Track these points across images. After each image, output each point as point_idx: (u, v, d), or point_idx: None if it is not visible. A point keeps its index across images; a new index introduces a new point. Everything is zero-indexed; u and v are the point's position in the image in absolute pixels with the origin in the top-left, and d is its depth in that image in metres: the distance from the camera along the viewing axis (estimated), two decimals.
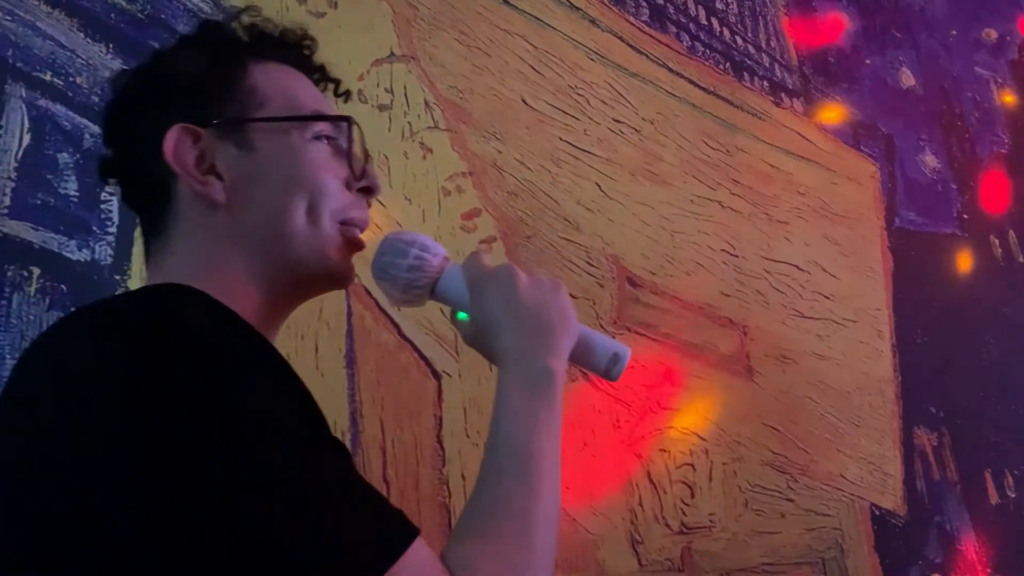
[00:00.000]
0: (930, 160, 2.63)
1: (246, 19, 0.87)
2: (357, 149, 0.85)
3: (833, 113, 2.37)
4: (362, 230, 0.84)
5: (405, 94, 1.52)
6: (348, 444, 1.25)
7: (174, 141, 0.78)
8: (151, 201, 0.82)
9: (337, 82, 0.92)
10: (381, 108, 1.49)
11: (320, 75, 0.90)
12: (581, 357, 0.86)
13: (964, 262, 2.57)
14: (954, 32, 2.94)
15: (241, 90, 0.82)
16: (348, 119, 0.84)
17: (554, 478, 0.74)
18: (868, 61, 2.58)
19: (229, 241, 0.79)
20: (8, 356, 1.04)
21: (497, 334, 0.80)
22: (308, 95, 0.86)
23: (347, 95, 0.92)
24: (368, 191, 0.85)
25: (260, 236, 0.79)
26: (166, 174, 0.79)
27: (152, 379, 0.61)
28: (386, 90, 1.50)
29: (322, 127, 0.83)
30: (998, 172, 2.84)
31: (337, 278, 0.83)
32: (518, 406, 0.77)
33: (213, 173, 0.79)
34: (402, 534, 0.62)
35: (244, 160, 0.80)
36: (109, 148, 0.85)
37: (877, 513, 1.99)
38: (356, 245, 0.83)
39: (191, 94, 0.81)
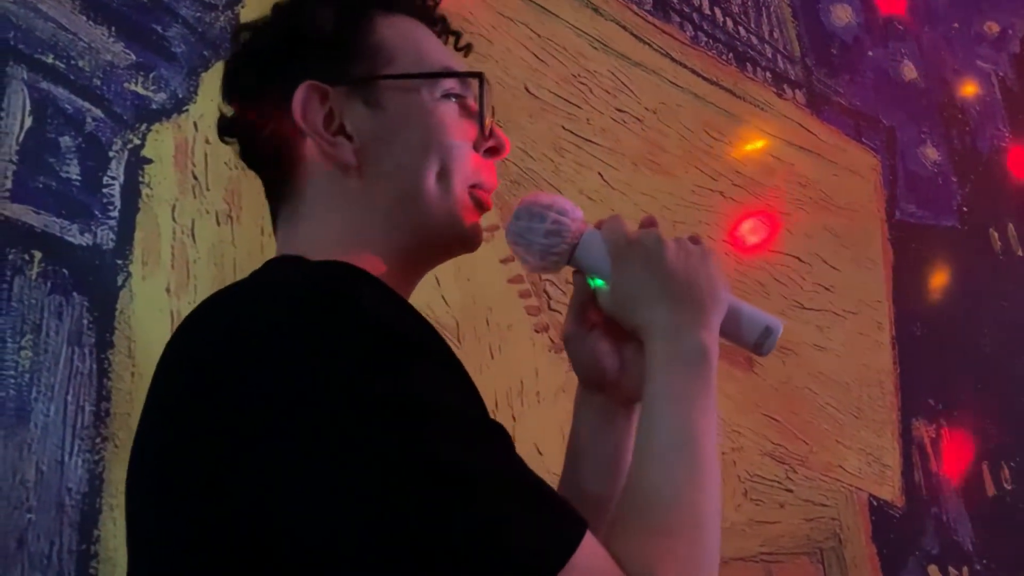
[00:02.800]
0: (931, 153, 2.63)
1: None
2: (486, 108, 0.81)
3: (835, 105, 2.36)
4: (491, 192, 0.81)
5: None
6: None
7: (303, 100, 0.75)
8: (276, 162, 0.79)
9: (458, 35, 0.88)
10: None
11: (442, 27, 0.86)
12: (729, 330, 0.80)
13: (964, 255, 2.57)
14: (956, 25, 2.93)
15: (369, 46, 0.78)
16: (480, 75, 0.81)
17: (716, 465, 0.69)
18: (870, 53, 2.57)
19: (361, 207, 0.76)
20: (9, 340, 1.03)
21: (643, 306, 0.75)
22: (436, 49, 0.82)
23: (468, 48, 0.87)
24: (495, 151, 0.82)
25: (392, 201, 0.76)
26: (293, 134, 0.77)
27: (328, 357, 0.58)
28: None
29: (451, 84, 0.80)
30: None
31: (467, 241, 0.80)
32: (674, 386, 0.71)
33: (342, 133, 0.76)
34: (573, 529, 0.58)
35: (373, 120, 0.77)
36: (230, 104, 0.81)
37: (875, 504, 1.99)
38: (484, 206, 0.80)
39: (319, 50, 0.78)
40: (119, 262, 1.14)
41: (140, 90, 1.21)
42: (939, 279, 2.44)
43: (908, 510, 2.06)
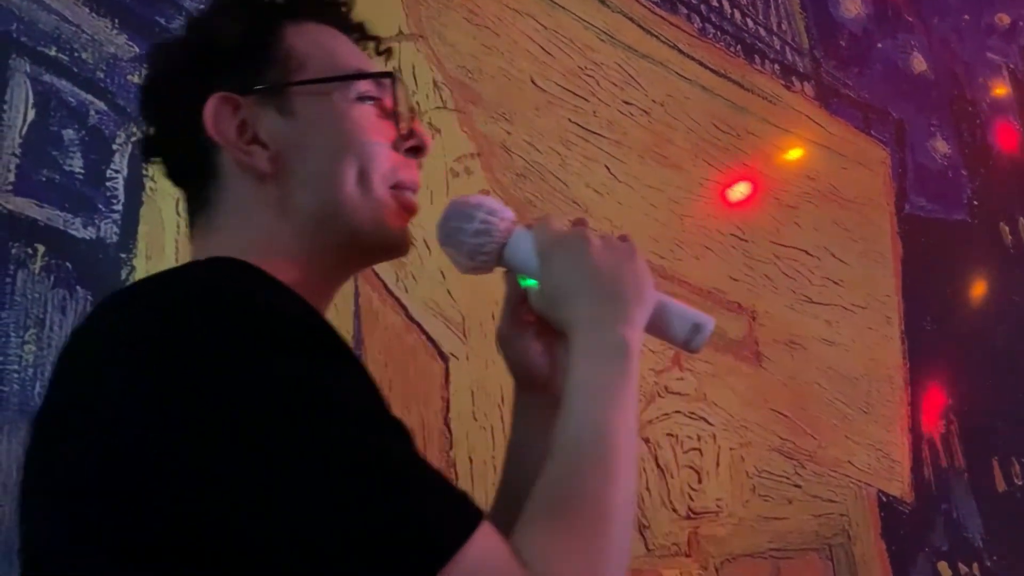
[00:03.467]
0: (941, 146, 2.61)
1: None
2: (403, 107, 0.80)
3: (844, 97, 2.35)
4: (414, 192, 0.80)
5: (413, 74, 1.50)
6: None
7: (213, 111, 0.75)
8: (195, 176, 0.79)
9: (377, 40, 0.86)
10: None
11: (359, 34, 0.85)
12: (658, 327, 0.80)
13: (974, 249, 2.55)
14: (966, 17, 2.91)
15: (279, 54, 0.78)
16: (391, 75, 0.80)
17: (631, 458, 0.69)
18: (880, 45, 2.55)
19: (278, 214, 0.76)
20: (12, 334, 1.03)
21: (567, 302, 0.76)
22: (348, 53, 0.81)
23: (388, 53, 0.85)
24: (417, 151, 0.81)
25: (311, 208, 0.76)
26: (209, 147, 0.76)
27: (212, 351, 0.59)
28: (394, 69, 1.48)
29: (365, 87, 0.79)
30: None
31: (395, 246, 0.80)
32: (591, 379, 0.72)
33: (256, 142, 0.76)
34: (467, 520, 0.59)
35: (287, 127, 0.77)
36: (149, 125, 0.81)
37: (884, 500, 1.98)
38: (410, 209, 0.79)
39: (228, 61, 0.78)
40: (123, 256, 1.14)
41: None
42: (949, 273, 2.43)
43: (918, 506, 2.05)
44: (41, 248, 1.07)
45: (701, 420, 1.70)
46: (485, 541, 0.58)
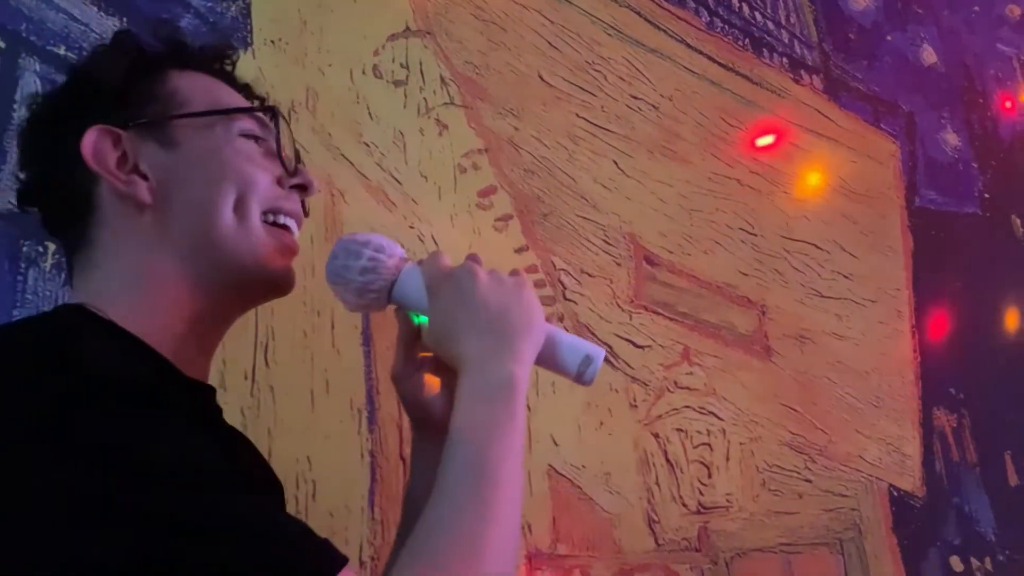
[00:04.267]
0: (951, 138, 2.59)
1: (164, 31, 0.84)
2: (286, 142, 0.81)
3: (853, 91, 2.33)
4: (297, 222, 0.81)
5: (421, 70, 1.50)
6: (364, 422, 1.24)
7: (93, 142, 0.75)
8: (73, 215, 0.77)
9: (263, 99, 0.88)
10: (396, 84, 1.47)
11: (245, 93, 0.86)
12: (549, 360, 0.80)
13: (985, 242, 2.53)
14: (977, 8, 2.89)
15: (162, 92, 0.79)
16: (274, 109, 0.82)
17: (512, 492, 0.69)
18: (889, 38, 2.54)
19: (158, 245, 0.75)
20: None
21: (455, 338, 0.76)
22: (232, 96, 0.83)
23: (274, 112, 0.85)
24: (302, 188, 0.81)
25: (189, 237, 0.75)
26: (86, 181, 0.76)
27: (45, 418, 0.57)
28: (401, 65, 1.48)
29: (248, 125, 0.80)
30: None
31: (274, 285, 0.79)
32: (475, 414, 0.72)
33: (137, 173, 0.76)
34: (332, 561, 0.58)
35: (168, 158, 0.77)
36: (26, 171, 0.81)
37: (896, 494, 1.97)
38: (289, 249, 0.79)
39: (109, 99, 0.78)
40: None
41: None
42: (960, 266, 2.41)
43: (929, 500, 2.04)
44: (51, 246, 1.08)
45: (711, 415, 1.69)
46: None
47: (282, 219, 0.79)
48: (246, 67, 1.30)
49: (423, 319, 0.81)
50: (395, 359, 0.85)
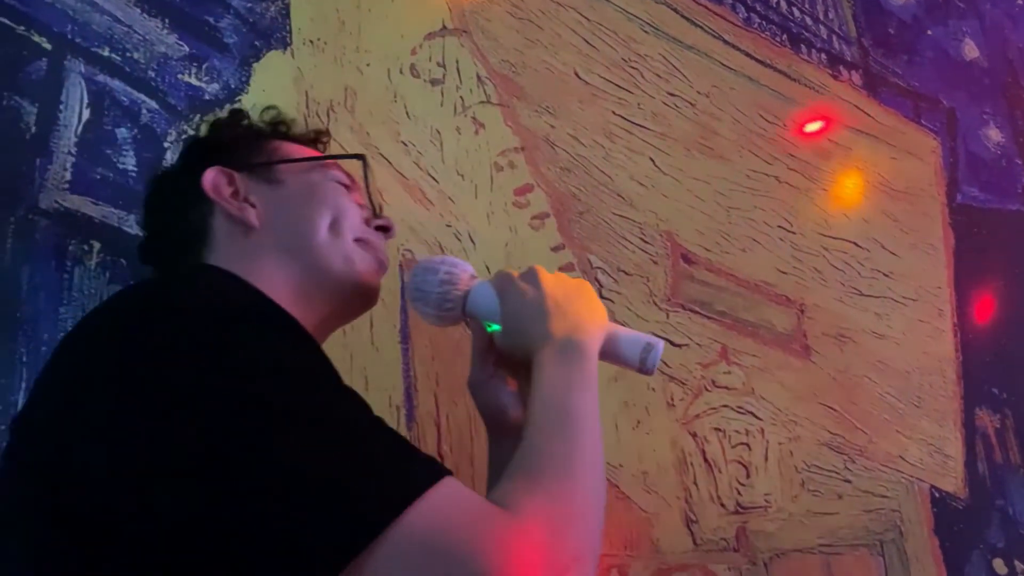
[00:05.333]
0: (994, 134, 2.54)
1: (269, 114, 1.01)
2: (373, 188, 0.95)
3: (893, 86, 2.30)
4: (383, 261, 0.94)
5: (457, 68, 1.51)
6: (403, 419, 1.25)
7: (212, 177, 0.89)
8: (187, 246, 0.90)
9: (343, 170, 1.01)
10: (433, 83, 1.47)
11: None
12: (612, 353, 0.88)
13: None
14: (1020, 2, 2.83)
15: (267, 148, 0.94)
16: (363, 157, 0.95)
17: (592, 430, 0.76)
18: (930, 32, 2.50)
19: (260, 257, 0.86)
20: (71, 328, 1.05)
21: (526, 328, 0.84)
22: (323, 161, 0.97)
23: (364, 159, 1.00)
24: (385, 230, 0.94)
25: (289, 248, 0.87)
26: (202, 215, 0.89)
27: (183, 355, 0.63)
28: (438, 64, 1.49)
29: (341, 176, 0.94)
30: None
31: (363, 292, 0.90)
32: (552, 376, 0.79)
33: (247, 202, 0.90)
34: (434, 470, 0.63)
35: (274, 192, 0.91)
36: (151, 238, 0.97)
37: (937, 496, 1.94)
38: (381, 263, 0.93)
39: (224, 150, 0.93)
40: None
41: (194, 81, 1.22)
42: (1003, 264, 2.37)
43: (972, 502, 2.01)
44: (96, 245, 1.09)
45: (749, 414, 1.68)
46: (453, 486, 0.63)
47: (377, 253, 0.94)
48: (285, 66, 1.31)
49: (496, 327, 0.89)
50: (471, 368, 0.93)
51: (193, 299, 0.68)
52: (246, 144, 0.95)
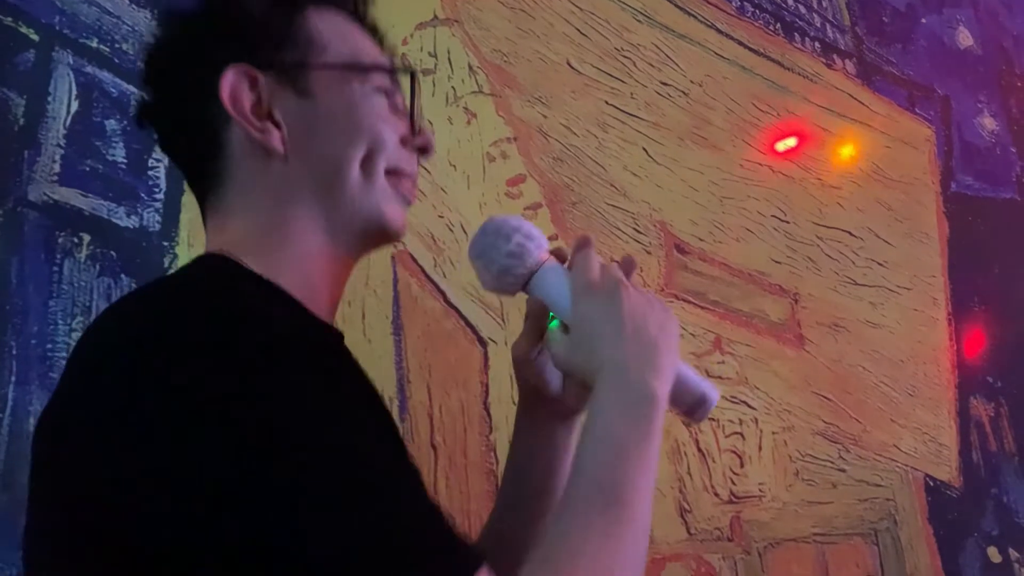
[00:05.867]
0: (988, 123, 2.54)
1: None
2: (418, 106, 0.81)
3: (887, 75, 2.30)
4: (413, 183, 0.82)
5: (449, 58, 1.50)
6: (396, 411, 1.25)
7: (232, 83, 0.74)
8: (198, 149, 0.77)
9: (383, 40, 0.87)
10: (424, 72, 1.47)
11: (373, 31, 0.86)
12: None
13: (1023, 227, 2.49)
14: None
15: (301, 34, 0.77)
16: (413, 72, 0.82)
17: (643, 519, 0.65)
18: (924, 20, 2.49)
19: (288, 195, 0.75)
20: (60, 322, 1.05)
21: (594, 346, 0.73)
22: (367, 46, 0.82)
23: (412, 74, 0.85)
24: (424, 150, 0.82)
25: (318, 190, 0.76)
26: (217, 119, 0.75)
27: (214, 370, 0.57)
28: (429, 54, 1.48)
29: (381, 81, 0.80)
30: None
31: (389, 231, 0.79)
32: (612, 429, 0.68)
33: (270, 119, 0.75)
34: (468, 560, 0.57)
35: (303, 108, 0.76)
36: (151, 89, 0.79)
37: (932, 484, 1.95)
38: (406, 200, 0.80)
39: (249, 35, 0.76)
40: (165, 244, 1.15)
41: None
42: (997, 252, 2.37)
43: (966, 490, 2.01)
44: (86, 237, 1.09)
45: (743, 404, 1.68)
46: None
47: (403, 181, 0.80)
48: None
49: (555, 324, 0.80)
50: (520, 339, 0.85)
51: (209, 327, 0.60)
52: (276, 25, 0.77)
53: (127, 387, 0.58)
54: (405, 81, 0.82)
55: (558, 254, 0.81)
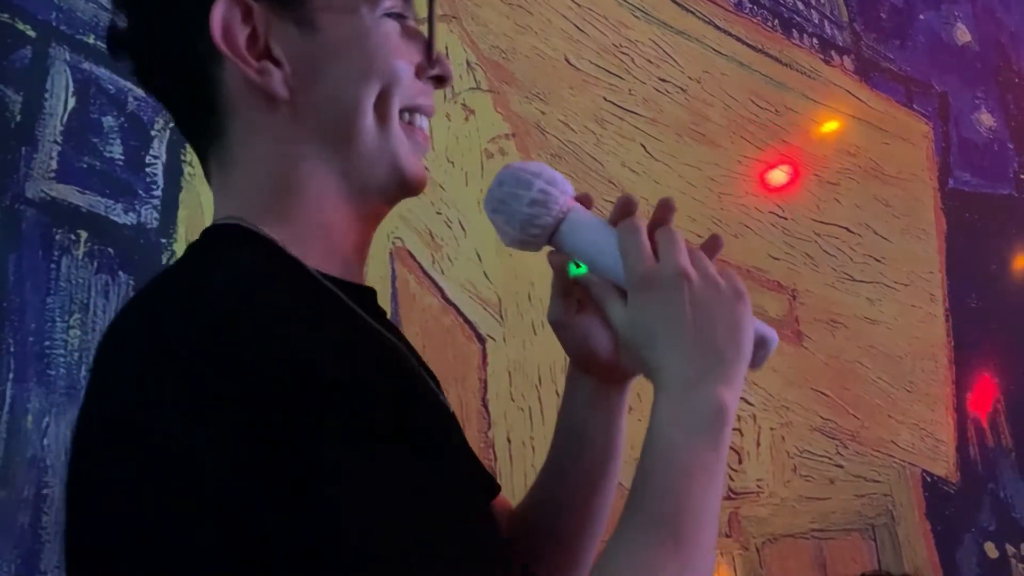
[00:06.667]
0: (986, 119, 2.55)
1: None
2: (435, 29, 0.72)
3: (885, 71, 2.30)
4: (429, 117, 0.73)
5: (447, 54, 1.50)
6: None
7: (222, 15, 0.64)
8: (190, 94, 0.68)
9: None
10: None
11: None
12: None
13: (1020, 223, 2.49)
14: None
15: None
16: None
17: (710, 547, 0.60)
18: (922, 16, 2.49)
19: (295, 146, 0.67)
20: (58, 319, 1.05)
21: (655, 348, 0.65)
22: None
23: None
24: (440, 80, 0.73)
25: (326, 136, 0.67)
26: (207, 57, 0.65)
27: (212, 371, 0.52)
28: None
29: (392, 2, 0.70)
30: None
31: (409, 184, 0.71)
32: (675, 444, 0.61)
33: (269, 58, 0.66)
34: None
35: (306, 43, 0.66)
36: (125, 13, 0.69)
37: (929, 480, 1.95)
38: (423, 148, 0.72)
39: None
40: (163, 240, 1.15)
41: None
42: (994, 249, 2.37)
43: (963, 486, 2.02)
44: (84, 234, 1.09)
45: (741, 400, 1.68)
46: None
47: (418, 119, 0.72)
48: None
49: (581, 269, 0.72)
50: (552, 303, 0.76)
51: (239, 328, 0.54)
52: None
53: (157, 389, 0.54)
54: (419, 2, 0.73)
55: (584, 200, 0.72)
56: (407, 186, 0.71)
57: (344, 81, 0.67)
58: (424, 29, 0.72)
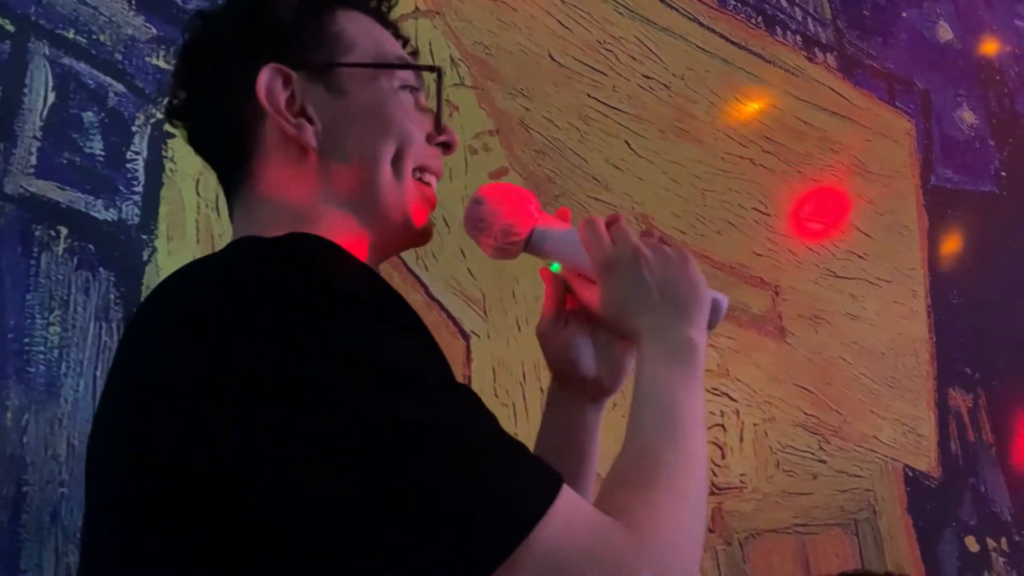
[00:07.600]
0: (968, 116, 2.56)
1: None
2: (442, 103, 0.85)
3: (868, 68, 2.31)
4: (437, 178, 0.85)
5: (430, 50, 1.49)
6: None
7: (267, 80, 0.77)
8: (232, 146, 0.80)
9: (406, 40, 0.91)
10: None
11: (393, 31, 0.89)
12: None
13: (1001, 220, 2.51)
14: None
15: (330, 35, 0.81)
16: (439, 70, 0.85)
17: (701, 438, 0.73)
18: (905, 14, 2.51)
19: (323, 191, 0.78)
20: (37, 315, 1.04)
21: (631, 316, 0.79)
22: (392, 45, 0.86)
23: (438, 73, 0.88)
24: (447, 146, 0.86)
25: (352, 187, 0.79)
26: (252, 117, 0.79)
27: (291, 332, 0.59)
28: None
29: (407, 77, 0.83)
30: None
31: (417, 236, 0.84)
32: (658, 376, 0.75)
33: (304, 116, 0.79)
34: (551, 480, 0.60)
35: (335, 104, 0.79)
36: (183, 89, 0.83)
37: (911, 475, 1.97)
38: (431, 202, 0.84)
39: (280, 37, 0.80)
40: (144, 237, 1.14)
41: (161, 64, 1.20)
42: (976, 245, 2.39)
43: (944, 480, 2.03)
44: (64, 230, 1.08)
45: (724, 396, 1.69)
46: (570, 497, 0.60)
47: (427, 177, 0.84)
48: None
49: (556, 266, 0.86)
50: (543, 314, 0.89)
51: (306, 286, 0.62)
52: (305, 27, 0.81)
53: (206, 356, 0.60)
54: (430, 78, 0.85)
55: (562, 215, 0.88)
56: (412, 234, 0.83)
57: (366, 138, 0.80)
58: (433, 104, 0.85)
